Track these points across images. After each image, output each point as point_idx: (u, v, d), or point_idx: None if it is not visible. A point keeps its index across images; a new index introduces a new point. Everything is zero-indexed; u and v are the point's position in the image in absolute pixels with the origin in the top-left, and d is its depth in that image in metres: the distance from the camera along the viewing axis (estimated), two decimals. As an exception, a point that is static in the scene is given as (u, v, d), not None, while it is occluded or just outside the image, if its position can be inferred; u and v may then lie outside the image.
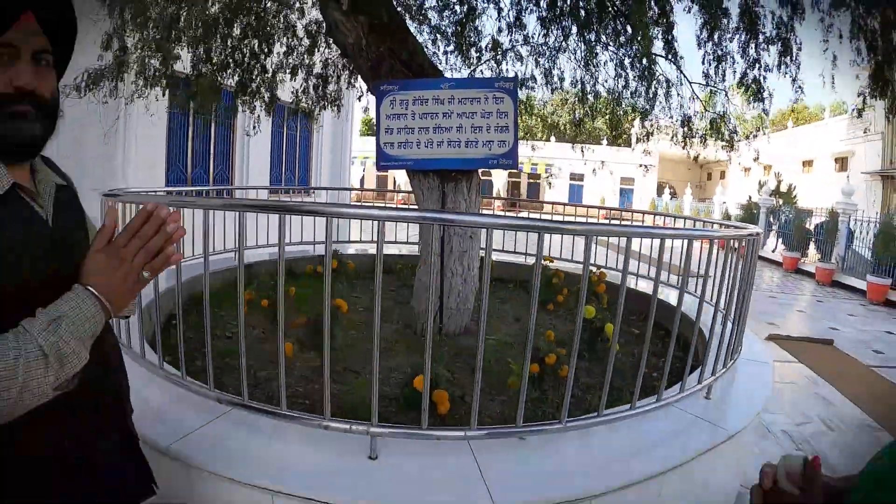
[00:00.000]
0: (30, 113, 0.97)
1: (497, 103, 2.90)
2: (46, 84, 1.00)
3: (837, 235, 13.01)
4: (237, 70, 3.63)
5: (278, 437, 1.75)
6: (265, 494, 1.49)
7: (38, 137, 1.00)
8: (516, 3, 4.78)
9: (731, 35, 3.52)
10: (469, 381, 2.49)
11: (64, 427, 1.05)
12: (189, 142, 8.44)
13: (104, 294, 0.94)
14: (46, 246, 1.03)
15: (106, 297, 0.95)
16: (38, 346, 0.85)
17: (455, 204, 3.21)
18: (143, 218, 0.97)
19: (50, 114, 1.01)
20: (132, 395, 1.30)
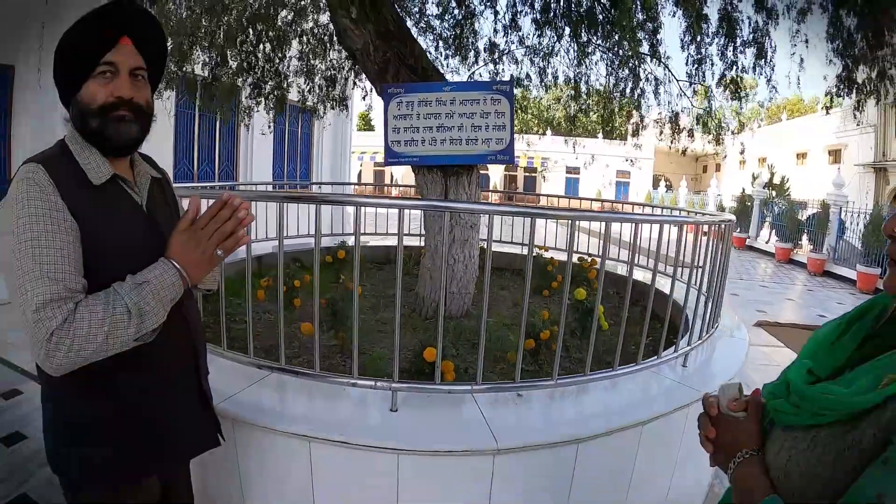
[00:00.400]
0: (128, 117, 1.24)
1: (495, 104, 3.17)
2: (142, 95, 1.27)
3: (829, 226, 13.26)
4: (252, 73, 3.89)
5: (310, 395, 2.03)
6: (303, 441, 1.77)
7: (135, 138, 1.28)
8: (512, 6, 5.04)
9: (711, 39, 3.79)
10: (471, 357, 2.77)
11: (150, 376, 1.32)
12: (195, 139, 8.68)
13: (184, 266, 1.21)
14: (139, 225, 1.30)
15: (185, 269, 1.21)
16: (124, 303, 1.11)
17: (457, 196, 3.48)
18: (219, 205, 1.24)
19: (145, 118, 1.28)
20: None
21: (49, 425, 1.31)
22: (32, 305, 1.06)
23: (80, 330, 1.07)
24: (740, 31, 3.61)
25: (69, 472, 1.30)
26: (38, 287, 1.07)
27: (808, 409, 0.84)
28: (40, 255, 1.09)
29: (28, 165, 1.15)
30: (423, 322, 3.53)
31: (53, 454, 1.31)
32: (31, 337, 1.07)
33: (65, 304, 1.08)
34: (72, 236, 1.14)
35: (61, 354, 1.06)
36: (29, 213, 1.10)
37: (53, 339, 1.05)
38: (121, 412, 1.29)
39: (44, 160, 1.17)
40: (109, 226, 1.22)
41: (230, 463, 1.95)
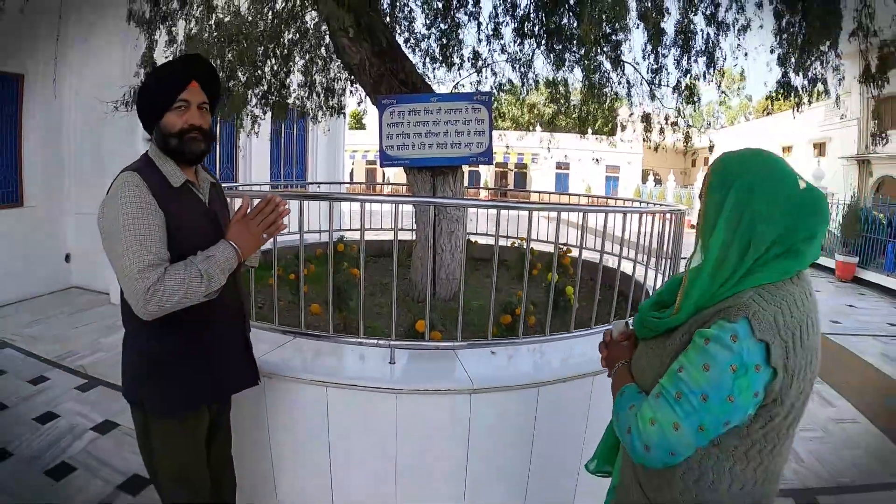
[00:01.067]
0: (197, 138, 1.74)
1: (475, 112, 3.63)
2: (206, 121, 1.78)
3: (808, 217, 13.69)
4: (260, 86, 4.33)
5: (325, 354, 2.53)
6: (321, 387, 2.25)
7: (202, 152, 1.78)
8: (494, 17, 5.50)
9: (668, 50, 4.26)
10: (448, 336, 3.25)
11: (219, 321, 1.83)
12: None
13: (238, 246, 1.71)
14: (205, 218, 1.79)
15: (239, 247, 1.71)
16: (198, 270, 1.60)
17: (444, 193, 3.94)
18: (264, 203, 1.75)
19: (208, 138, 1.78)
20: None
21: (129, 365, 1.79)
22: (135, 269, 1.51)
23: (168, 287, 1.53)
24: (694, 43, 4.09)
25: (144, 400, 1.76)
26: (139, 256, 1.52)
27: (646, 328, 1.30)
28: (138, 234, 1.55)
29: (126, 173, 1.63)
30: (415, 304, 3.98)
31: (131, 388, 1.78)
32: (131, 291, 1.52)
33: (157, 269, 1.54)
34: (159, 222, 1.61)
35: (153, 304, 1.52)
36: (130, 205, 1.56)
37: (149, 292, 1.50)
38: (188, 351, 1.77)
39: (137, 169, 1.65)
40: (184, 216, 1.70)
41: (260, 410, 2.43)
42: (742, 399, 1.03)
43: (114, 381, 4.43)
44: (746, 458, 1.12)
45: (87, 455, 3.36)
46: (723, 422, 1.06)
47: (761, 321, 1.03)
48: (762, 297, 1.07)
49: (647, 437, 1.08)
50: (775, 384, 1.04)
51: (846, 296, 9.87)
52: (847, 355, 6.20)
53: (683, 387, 1.06)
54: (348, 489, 2.42)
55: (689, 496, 1.15)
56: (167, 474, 1.83)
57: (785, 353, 1.03)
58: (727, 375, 1.02)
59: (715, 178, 1.18)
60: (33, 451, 3.37)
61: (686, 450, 1.08)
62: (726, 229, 1.11)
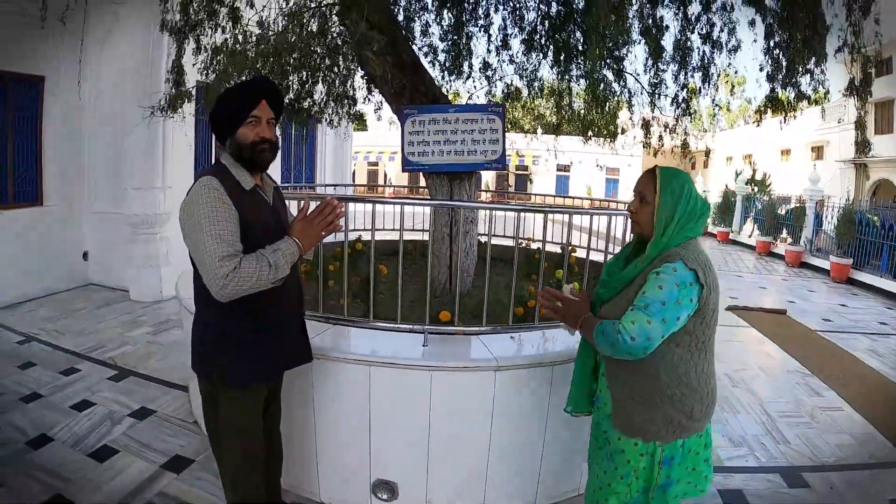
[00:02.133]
0: (267, 149, 2.05)
1: (489, 122, 3.96)
2: (274, 134, 2.09)
3: (805, 220, 13.95)
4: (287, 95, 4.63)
5: (364, 338, 2.88)
6: (364, 366, 2.59)
7: (270, 160, 2.09)
8: (503, 29, 5.81)
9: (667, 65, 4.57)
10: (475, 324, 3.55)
11: (282, 305, 2.14)
12: (212, 146, 9.28)
13: (300, 241, 2.02)
14: (270, 216, 2.10)
15: (301, 242, 2.02)
16: (267, 260, 1.90)
17: (460, 196, 4.26)
18: (323, 205, 2.06)
19: (276, 149, 2.10)
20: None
21: (202, 341, 2.07)
22: (216, 257, 1.77)
23: (243, 274, 1.81)
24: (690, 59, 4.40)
25: (215, 371, 2.05)
26: (219, 247, 1.79)
27: (611, 286, 1.91)
28: (218, 228, 1.81)
29: (206, 177, 1.89)
30: (434, 299, 4.29)
31: (203, 361, 2.08)
32: (211, 277, 1.77)
33: (234, 258, 1.82)
34: (235, 219, 1.90)
35: (231, 287, 1.78)
36: (210, 204, 1.83)
37: (227, 278, 1.76)
38: (258, 329, 2.07)
39: (214, 173, 1.92)
40: (253, 214, 2.00)
41: (307, 388, 2.75)
42: (685, 302, 1.69)
43: (144, 372, 4.68)
44: (697, 348, 1.80)
45: (128, 438, 3.56)
46: (675, 317, 1.68)
47: (689, 259, 1.72)
48: (685, 248, 1.77)
49: (631, 331, 1.65)
50: (703, 294, 1.72)
51: (839, 296, 10.09)
52: (836, 350, 6.45)
53: (648, 300, 1.68)
54: (386, 459, 2.74)
55: (674, 383, 1.78)
56: (229, 431, 2.11)
57: (704, 275, 1.72)
58: (674, 289, 1.68)
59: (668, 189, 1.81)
60: (74, 435, 3.55)
61: (657, 336, 1.66)
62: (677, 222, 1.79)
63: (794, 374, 5.53)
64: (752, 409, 4.56)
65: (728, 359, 5.86)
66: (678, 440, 1.82)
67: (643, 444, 1.83)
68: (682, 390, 1.78)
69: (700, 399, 1.82)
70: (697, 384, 1.81)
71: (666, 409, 1.79)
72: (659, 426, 1.80)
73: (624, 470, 1.87)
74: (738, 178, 20.11)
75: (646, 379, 1.80)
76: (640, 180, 1.91)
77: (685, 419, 1.80)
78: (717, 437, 3.98)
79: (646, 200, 1.86)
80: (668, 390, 1.78)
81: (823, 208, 13.79)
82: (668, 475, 1.84)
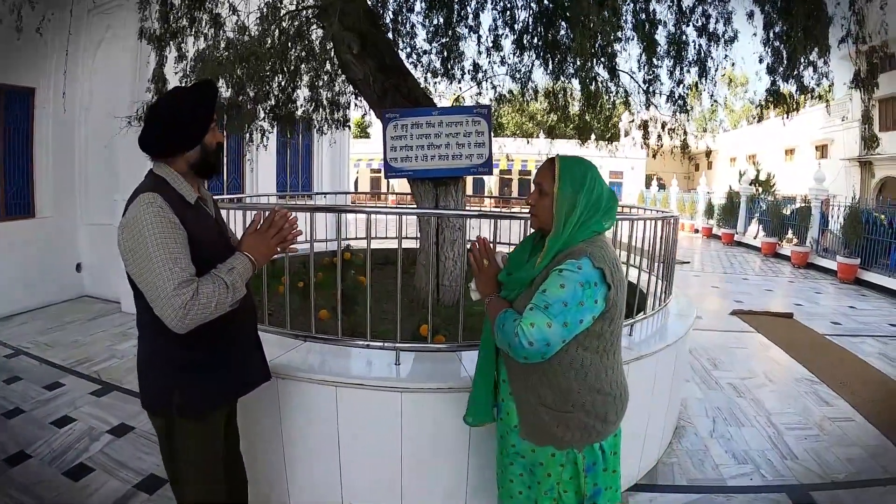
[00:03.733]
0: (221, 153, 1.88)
1: (475, 125, 3.78)
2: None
3: (811, 220, 13.75)
4: (268, 101, 4.49)
5: (334, 357, 2.68)
6: (331, 387, 2.40)
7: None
8: (493, 30, 5.65)
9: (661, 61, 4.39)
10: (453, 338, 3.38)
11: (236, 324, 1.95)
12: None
13: (254, 258, 1.87)
14: (214, 229, 1.94)
15: (255, 259, 1.86)
16: (224, 282, 1.73)
17: (445, 203, 4.08)
18: (274, 214, 1.91)
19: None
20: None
21: (154, 375, 1.87)
22: (170, 286, 1.60)
23: (202, 301, 1.65)
24: (686, 54, 4.22)
25: (171, 405, 1.85)
26: (174, 273, 1.61)
27: (511, 286, 1.78)
28: (170, 252, 1.64)
29: (147, 194, 1.69)
30: (420, 310, 4.12)
31: (157, 396, 1.87)
32: (167, 308, 1.60)
33: (190, 285, 1.64)
34: (184, 238, 1.72)
35: (190, 318, 1.62)
36: (157, 224, 1.65)
37: (186, 308, 1.60)
38: (213, 353, 1.90)
39: (155, 189, 1.72)
40: (201, 231, 1.83)
41: (273, 410, 2.57)
42: (588, 303, 1.57)
43: (128, 387, 4.58)
44: (605, 351, 1.70)
45: (105, 456, 3.49)
46: (578, 319, 1.57)
47: (596, 257, 1.60)
48: (591, 244, 1.65)
49: (529, 335, 1.52)
50: (610, 294, 1.61)
51: (847, 297, 9.91)
52: (846, 355, 6.23)
53: (549, 299, 1.56)
54: (357, 484, 2.56)
55: (584, 390, 1.68)
56: (190, 466, 1.94)
57: (612, 274, 1.61)
58: (577, 288, 1.56)
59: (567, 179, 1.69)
60: (52, 453, 3.51)
61: (557, 341, 1.55)
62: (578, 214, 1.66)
63: (802, 383, 5.33)
64: (758, 422, 4.36)
65: (733, 367, 5.69)
66: (595, 444, 1.74)
67: (560, 454, 1.73)
68: (595, 397, 1.70)
69: (613, 402, 1.74)
70: (609, 388, 1.73)
71: (579, 417, 1.70)
72: (573, 433, 1.70)
73: (548, 484, 1.76)
74: (741, 179, 19.97)
75: (554, 386, 1.70)
76: (539, 170, 1.79)
77: (600, 424, 1.72)
78: (721, 453, 3.82)
79: (544, 191, 1.74)
80: (580, 398, 1.69)
81: (829, 208, 13.58)
82: (595, 483, 1.76)
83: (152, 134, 1.79)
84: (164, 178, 1.80)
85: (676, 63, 4.30)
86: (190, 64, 4.43)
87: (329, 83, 5.15)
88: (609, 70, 4.25)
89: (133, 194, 1.74)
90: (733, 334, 7.04)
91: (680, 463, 3.64)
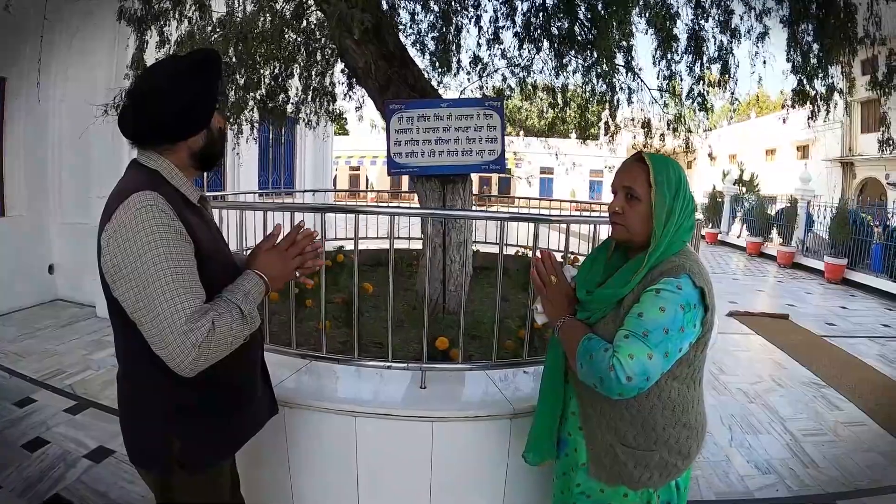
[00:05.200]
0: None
1: (486, 119, 3.50)
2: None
3: (797, 220, 13.82)
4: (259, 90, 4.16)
5: (347, 378, 2.37)
6: (349, 417, 2.09)
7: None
8: (494, 21, 5.40)
9: (680, 57, 4.18)
10: (472, 346, 3.11)
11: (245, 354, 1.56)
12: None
13: (269, 279, 1.50)
14: (216, 235, 1.60)
15: (270, 281, 1.50)
16: (240, 310, 1.36)
17: (453, 202, 3.81)
18: (298, 230, 1.56)
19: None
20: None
21: (150, 427, 1.47)
22: (182, 318, 1.24)
23: (220, 336, 1.28)
24: (706, 49, 4.01)
25: (164, 462, 1.47)
26: (185, 301, 1.25)
27: (593, 307, 1.52)
28: (181, 274, 1.27)
29: (144, 194, 1.29)
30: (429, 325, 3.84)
31: (156, 452, 1.47)
32: (176, 346, 1.24)
33: (207, 314, 1.27)
34: (192, 253, 1.35)
35: (203, 359, 1.26)
36: (162, 236, 1.27)
37: (201, 346, 1.24)
38: (214, 394, 1.52)
39: (154, 187, 1.33)
40: (206, 238, 1.45)
41: (279, 443, 2.24)
42: (689, 329, 1.37)
43: (105, 402, 4.25)
44: (693, 380, 1.51)
45: (83, 485, 3.16)
46: (678, 348, 1.37)
47: (695, 274, 1.40)
48: (685, 258, 1.44)
49: (629, 369, 1.29)
50: (708, 317, 1.42)
51: (838, 298, 9.97)
52: (847, 358, 6.21)
53: (647, 326, 1.33)
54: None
55: (671, 425, 1.47)
56: None
57: (710, 294, 1.41)
58: (679, 313, 1.35)
59: (663, 183, 1.45)
60: (24, 482, 3.17)
61: (657, 374, 1.34)
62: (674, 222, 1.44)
63: (810, 387, 5.27)
64: (774, 429, 4.27)
65: (739, 371, 5.63)
66: (671, 481, 1.54)
67: (633, 494, 1.53)
68: (681, 431, 1.50)
69: (697, 436, 1.54)
70: (695, 421, 1.53)
71: (661, 454, 1.49)
72: (652, 472, 1.50)
73: None
74: (725, 179, 20.05)
75: (637, 422, 1.49)
76: (625, 172, 1.52)
77: (681, 461, 1.52)
78: (743, 463, 3.70)
79: (636, 196, 1.48)
80: (665, 433, 1.48)
81: (813, 208, 13.67)
82: None
83: (148, 117, 1.39)
84: (160, 171, 1.42)
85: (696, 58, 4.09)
86: (173, 49, 4.10)
87: (324, 72, 4.81)
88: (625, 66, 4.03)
89: (118, 192, 1.34)
90: (733, 337, 6.97)
91: (705, 475, 3.50)
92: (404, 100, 3.57)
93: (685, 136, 5.50)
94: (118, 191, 1.35)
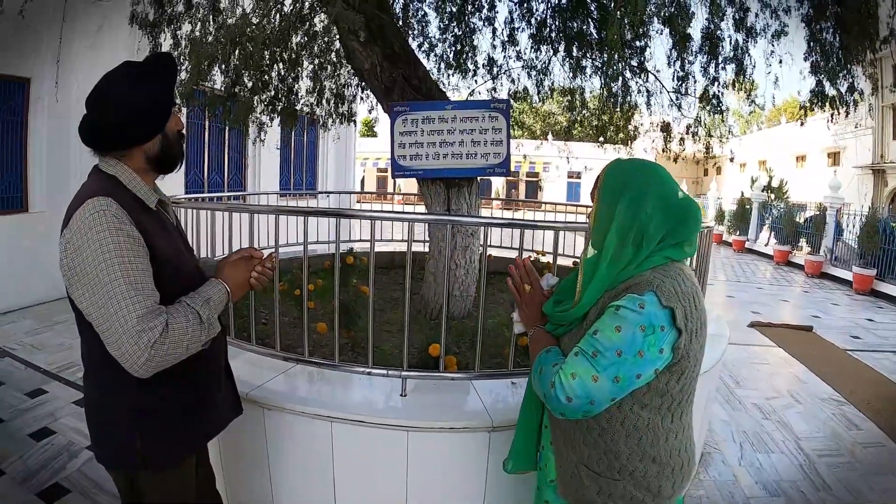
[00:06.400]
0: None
1: (492, 121, 3.45)
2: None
3: (825, 229, 13.45)
4: (267, 91, 4.17)
5: (330, 383, 2.33)
6: (325, 422, 2.06)
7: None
8: (510, 22, 5.33)
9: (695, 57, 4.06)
10: (472, 354, 3.04)
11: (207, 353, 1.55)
12: (205, 149, 8.96)
13: (232, 288, 1.54)
14: (176, 239, 1.61)
15: (232, 289, 1.54)
16: (198, 316, 1.39)
17: (458, 206, 3.75)
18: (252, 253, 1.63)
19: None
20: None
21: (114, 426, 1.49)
22: (133, 318, 1.25)
23: (173, 338, 1.29)
24: (722, 49, 3.89)
25: (137, 459, 1.47)
26: (136, 303, 1.27)
27: (559, 321, 1.44)
28: (132, 276, 1.29)
29: (98, 200, 1.32)
30: (428, 322, 3.79)
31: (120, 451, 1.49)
32: (128, 346, 1.25)
33: (157, 318, 1.28)
34: (147, 257, 1.36)
35: (156, 360, 1.27)
36: (114, 240, 1.29)
37: (154, 348, 1.26)
38: (184, 390, 1.55)
39: (109, 193, 1.36)
40: (163, 242, 1.46)
41: (259, 445, 2.23)
42: (650, 354, 1.21)
43: (113, 396, 4.32)
44: (670, 411, 1.33)
45: (82, 476, 3.19)
46: (635, 374, 1.22)
47: (664, 292, 1.24)
48: (661, 273, 1.28)
49: (569, 390, 1.22)
50: (681, 342, 1.24)
51: (865, 309, 9.61)
52: (870, 373, 5.95)
53: (599, 345, 1.22)
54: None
55: (636, 456, 1.33)
56: None
57: (685, 316, 1.24)
58: (638, 334, 1.20)
59: (606, 188, 1.36)
60: (26, 470, 3.22)
61: (604, 399, 1.23)
62: (619, 233, 1.31)
63: (829, 403, 5.05)
64: (787, 447, 4.08)
65: (756, 385, 5.42)
66: None
67: None
68: (647, 465, 1.34)
69: (671, 474, 1.36)
70: (668, 457, 1.35)
71: (626, 486, 1.35)
72: (617, 502, 1.36)
73: None
74: (753, 185, 19.61)
75: (600, 447, 1.36)
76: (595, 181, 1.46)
77: (650, 498, 1.35)
78: (751, 484, 3.52)
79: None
80: (630, 464, 1.34)
81: (843, 216, 13.28)
82: None
83: (101, 124, 1.44)
84: (116, 176, 1.45)
85: (711, 59, 3.97)
86: (184, 51, 4.12)
87: (333, 73, 4.82)
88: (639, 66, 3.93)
89: (76, 198, 1.38)
90: (753, 348, 6.75)
91: (709, 496, 3.35)
92: (409, 102, 3.53)
93: (706, 141, 5.35)
94: (76, 197, 1.38)
